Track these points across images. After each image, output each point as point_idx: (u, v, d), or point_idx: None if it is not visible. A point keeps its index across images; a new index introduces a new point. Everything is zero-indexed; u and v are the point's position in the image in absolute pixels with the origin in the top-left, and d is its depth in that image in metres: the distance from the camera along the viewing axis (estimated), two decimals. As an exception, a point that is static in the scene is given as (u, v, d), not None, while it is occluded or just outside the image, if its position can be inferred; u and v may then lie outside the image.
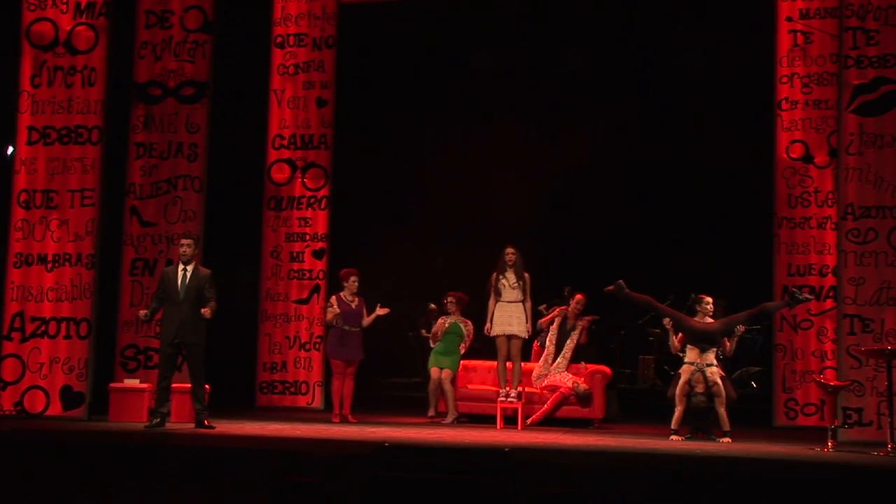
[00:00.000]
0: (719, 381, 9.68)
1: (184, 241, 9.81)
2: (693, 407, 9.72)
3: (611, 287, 10.12)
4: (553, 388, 10.94)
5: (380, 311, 10.87)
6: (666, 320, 10.14)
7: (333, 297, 11.04)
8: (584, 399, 10.86)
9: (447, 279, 12.13)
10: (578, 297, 11.26)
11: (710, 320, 9.99)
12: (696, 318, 10.00)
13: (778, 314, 11.50)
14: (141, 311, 9.93)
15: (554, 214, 14.01)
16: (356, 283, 10.96)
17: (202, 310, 9.60)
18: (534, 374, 11.11)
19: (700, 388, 9.68)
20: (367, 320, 10.90)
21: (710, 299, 10.03)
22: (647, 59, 13.83)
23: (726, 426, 9.60)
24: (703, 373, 9.69)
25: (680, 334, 10.04)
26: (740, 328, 10.04)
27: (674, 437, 9.60)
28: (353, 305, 10.92)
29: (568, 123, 14.17)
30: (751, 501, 7.03)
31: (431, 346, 11.46)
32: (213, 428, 9.45)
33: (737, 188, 12.89)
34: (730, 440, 9.48)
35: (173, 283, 9.71)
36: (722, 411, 9.64)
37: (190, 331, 9.63)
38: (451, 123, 14.15)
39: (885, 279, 9.75)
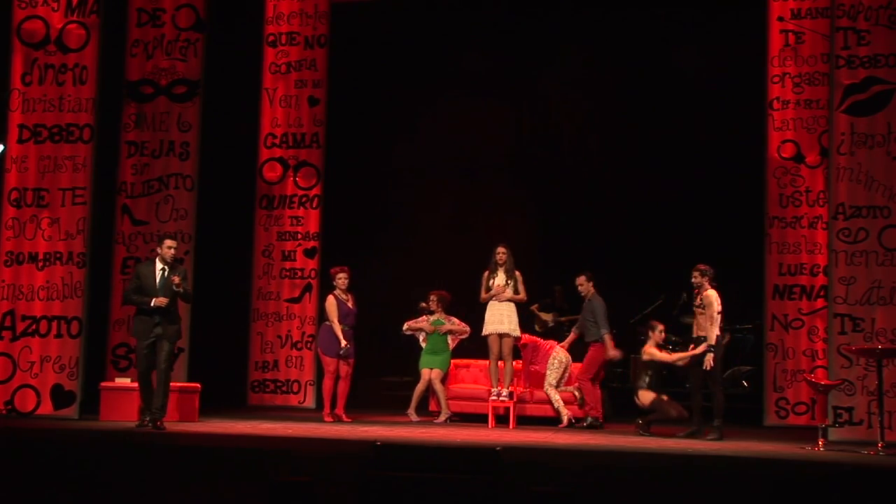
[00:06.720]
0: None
1: (170, 243, 9.59)
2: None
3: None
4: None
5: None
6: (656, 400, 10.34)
7: (331, 296, 11.00)
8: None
9: (439, 277, 12.12)
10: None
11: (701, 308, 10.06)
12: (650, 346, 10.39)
13: (769, 313, 11.58)
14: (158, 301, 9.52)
15: (545, 214, 13.99)
16: (344, 280, 10.93)
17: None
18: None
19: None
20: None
21: (662, 327, 10.44)
22: (638, 57, 13.81)
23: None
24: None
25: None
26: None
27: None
28: (349, 304, 10.90)
29: (558, 123, 14.16)
30: (741, 500, 7.04)
31: (422, 345, 11.44)
32: (163, 430, 9.21)
33: (728, 187, 12.89)
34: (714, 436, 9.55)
35: (151, 282, 9.54)
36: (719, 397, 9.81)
37: (166, 326, 9.49)
38: (443, 121, 14.11)
39: (876, 278, 9.78)
